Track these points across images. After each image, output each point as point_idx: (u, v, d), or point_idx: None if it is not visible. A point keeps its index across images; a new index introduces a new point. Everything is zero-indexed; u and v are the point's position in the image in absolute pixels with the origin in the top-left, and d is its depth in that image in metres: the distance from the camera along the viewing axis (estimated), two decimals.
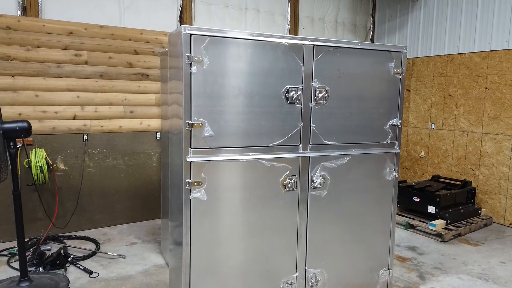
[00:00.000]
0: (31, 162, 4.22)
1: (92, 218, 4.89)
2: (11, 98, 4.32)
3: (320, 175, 2.90)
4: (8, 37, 4.23)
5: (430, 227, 4.89)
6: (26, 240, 4.34)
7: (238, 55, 2.54)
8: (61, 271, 3.47)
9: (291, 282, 2.90)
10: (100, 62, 4.75)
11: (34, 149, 4.32)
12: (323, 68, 2.82)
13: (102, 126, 4.85)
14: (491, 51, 5.44)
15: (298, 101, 2.76)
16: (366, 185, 3.09)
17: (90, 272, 3.70)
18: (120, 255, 4.12)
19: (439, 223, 4.86)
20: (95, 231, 4.84)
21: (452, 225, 5.00)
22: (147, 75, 5.04)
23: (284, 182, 2.79)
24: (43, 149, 4.37)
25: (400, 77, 3.11)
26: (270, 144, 2.72)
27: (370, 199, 3.13)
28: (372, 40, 7.18)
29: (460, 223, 5.09)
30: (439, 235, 4.82)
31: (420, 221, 5.13)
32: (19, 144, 4.32)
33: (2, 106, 4.28)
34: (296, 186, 2.83)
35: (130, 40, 4.89)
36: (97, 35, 4.69)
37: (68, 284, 3.30)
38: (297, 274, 2.92)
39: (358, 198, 3.08)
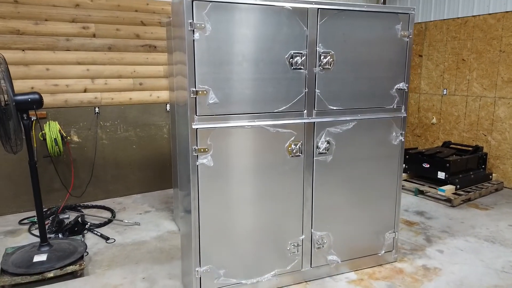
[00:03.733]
0: (45, 134, 4.34)
1: (107, 188, 5.05)
2: (22, 72, 4.40)
3: (325, 141, 2.93)
4: (16, 11, 4.27)
5: (439, 192, 4.91)
6: (45, 209, 4.54)
7: (241, 20, 2.54)
8: (79, 237, 3.63)
9: (298, 244, 2.99)
10: (108, 34, 4.77)
11: (48, 122, 4.44)
12: (328, 32, 2.79)
13: (112, 99, 4.92)
14: (507, 12, 5.25)
15: (302, 67, 2.76)
16: (372, 150, 3.12)
17: (107, 238, 3.87)
18: (135, 222, 4.28)
19: (448, 189, 4.87)
20: (110, 200, 5.01)
21: (462, 190, 5.01)
22: (155, 47, 5.06)
23: (290, 148, 2.83)
24: (56, 122, 4.49)
25: (408, 39, 3.06)
26: (275, 111, 2.74)
27: (375, 163, 3.15)
28: (384, 2, 6.98)
29: (470, 188, 5.09)
30: (448, 200, 4.85)
31: (430, 187, 5.15)
32: (33, 117, 4.45)
33: (15, 80, 4.37)
34: (301, 152, 2.87)
35: (136, 11, 4.88)
36: (103, 7, 4.69)
37: (86, 248, 3.46)
38: (303, 236, 3.00)
39: (364, 163, 3.11)
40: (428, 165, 5.24)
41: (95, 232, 4.00)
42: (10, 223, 4.27)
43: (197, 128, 2.55)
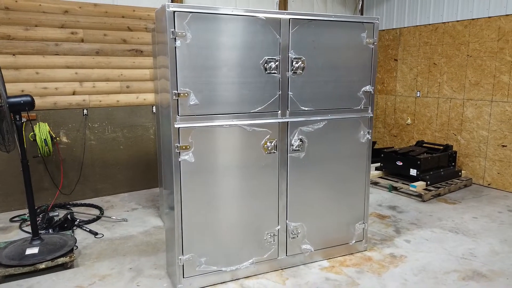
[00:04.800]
0: (35, 135, 4.53)
1: (96, 187, 5.24)
2: (13, 76, 4.59)
3: (298, 139, 3.20)
4: (7, 17, 4.46)
5: (411, 188, 5.23)
6: (35, 207, 4.71)
7: (219, 29, 2.79)
8: (69, 232, 3.83)
9: (274, 234, 3.25)
10: (95, 39, 4.97)
11: (38, 123, 4.62)
12: (299, 39, 3.07)
13: (100, 101, 5.12)
14: (473, 19, 5.62)
15: (276, 71, 3.02)
16: (342, 147, 3.39)
17: (95, 233, 4.07)
18: (123, 219, 4.48)
19: (419, 185, 5.19)
20: (98, 199, 5.20)
21: (432, 186, 5.33)
22: (141, 51, 5.28)
23: (265, 145, 3.09)
24: (46, 123, 4.67)
25: (372, 46, 3.35)
26: (251, 111, 3.00)
27: (345, 159, 3.43)
28: (362, 11, 7.32)
29: (440, 184, 5.42)
30: (419, 196, 5.16)
31: (403, 183, 5.46)
32: (24, 119, 4.63)
33: (6, 83, 4.54)
34: (276, 149, 3.13)
35: (123, 17, 5.10)
36: (91, 13, 4.90)
37: (76, 242, 3.66)
38: (279, 227, 3.26)
39: (335, 159, 3.39)
40: (401, 163, 5.55)
41: (84, 228, 4.20)
42: (1, 221, 4.44)
43: (179, 127, 2.79)
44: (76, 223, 4.30)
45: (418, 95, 6.52)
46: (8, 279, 3.19)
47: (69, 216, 4.36)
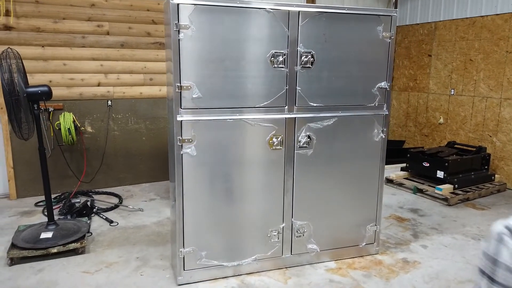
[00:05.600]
0: (60, 124, 4.71)
1: (118, 177, 5.39)
2: (42, 67, 4.78)
3: (306, 135, 3.10)
4: (37, 10, 4.65)
5: (436, 191, 4.97)
6: (59, 194, 4.92)
7: (224, 22, 2.75)
8: (84, 219, 3.96)
9: (278, 232, 3.19)
10: (120, 32, 5.09)
11: (63, 113, 4.81)
12: (309, 33, 2.96)
13: (124, 93, 5.25)
14: None
15: (283, 65, 2.94)
16: (353, 146, 3.26)
17: (110, 221, 4.19)
18: (139, 209, 4.58)
19: (445, 187, 4.92)
20: (120, 188, 5.35)
21: (460, 190, 5.04)
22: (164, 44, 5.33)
23: (271, 141, 3.02)
24: (71, 113, 4.85)
25: (389, 40, 3.19)
26: (257, 106, 2.94)
27: (357, 159, 3.30)
28: (395, 5, 7.01)
29: (469, 188, 5.11)
30: (445, 200, 4.90)
31: (429, 185, 5.21)
32: (50, 109, 4.83)
33: (34, 74, 4.76)
34: (282, 145, 3.06)
35: (148, 10, 5.18)
36: (117, 6, 5.01)
37: (89, 229, 3.78)
38: (284, 224, 3.19)
39: (345, 158, 3.26)
40: (428, 164, 5.29)
41: (101, 216, 4.33)
42: (27, 205, 4.67)
43: (181, 120, 2.78)
44: (94, 210, 4.44)
45: (452, 93, 6.17)
46: (23, 261, 3.34)
47: (88, 204, 4.52)
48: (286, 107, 3.02)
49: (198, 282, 3.04)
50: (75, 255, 3.46)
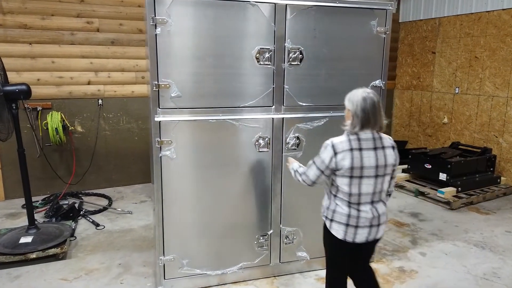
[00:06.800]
0: (48, 124, 4.57)
1: (109, 178, 5.25)
2: (29, 65, 4.65)
3: (295, 137, 2.92)
4: (24, 7, 4.51)
5: (438, 194, 4.75)
6: (48, 195, 4.79)
7: (204, 15, 2.58)
8: (69, 222, 3.82)
9: (266, 239, 3.01)
10: (111, 29, 4.93)
11: (51, 112, 4.67)
12: (297, 28, 2.78)
13: (115, 91, 5.10)
14: None
15: (270, 62, 2.76)
16: None
17: (97, 225, 4.04)
18: (128, 211, 4.43)
19: (448, 191, 4.70)
20: (112, 189, 5.21)
21: (464, 193, 4.82)
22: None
23: (257, 143, 2.85)
24: (59, 112, 4.71)
25: (384, 36, 2.99)
26: (241, 105, 2.77)
27: None
28: (398, 0, 6.78)
29: (474, 192, 4.89)
30: (447, 203, 4.68)
31: (431, 188, 4.99)
32: (39, 108, 4.70)
33: (22, 72, 4.63)
34: (269, 147, 2.88)
35: (139, 6, 5.02)
36: (107, 2, 4.86)
37: (72, 233, 3.64)
38: (271, 231, 3.02)
39: None
40: (430, 166, 5.07)
41: (88, 219, 4.18)
42: (14, 206, 4.54)
43: (160, 121, 2.62)
44: (81, 213, 4.30)
45: (456, 91, 5.94)
46: (1, 267, 3.20)
47: (76, 206, 4.38)
48: (273, 106, 2.84)
49: None
50: (55, 261, 3.31)
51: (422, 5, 6.37)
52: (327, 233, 2.23)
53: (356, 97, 2.04)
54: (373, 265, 3.29)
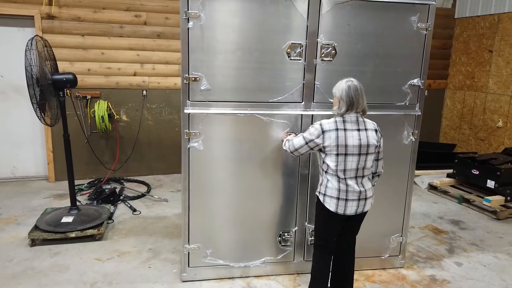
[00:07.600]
0: (95, 112, 4.84)
1: (151, 165, 5.46)
2: (81, 55, 4.93)
3: None
4: (78, 0, 4.78)
5: (484, 202, 4.46)
6: (93, 179, 5.07)
7: (236, 9, 2.59)
8: (108, 206, 4.03)
9: (290, 236, 3.00)
10: (157, 23, 5.10)
11: (98, 101, 4.93)
12: (331, 23, 2.72)
13: (159, 83, 5.28)
14: None
15: (301, 58, 2.73)
16: None
17: (134, 210, 4.23)
18: (164, 199, 4.59)
19: (495, 199, 4.40)
20: (152, 177, 5.41)
21: None
22: None
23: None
24: (106, 101, 4.96)
25: (426, 32, 2.84)
26: (270, 100, 2.76)
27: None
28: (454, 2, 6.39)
29: None
30: (494, 212, 4.38)
31: (477, 196, 4.70)
32: (88, 96, 4.97)
33: (75, 62, 4.92)
34: None
35: None
36: None
37: (110, 216, 3.85)
38: (296, 228, 2.99)
39: None
40: (478, 172, 4.77)
41: (126, 204, 4.39)
42: (62, 188, 4.86)
43: (189, 113, 2.68)
44: (121, 198, 4.52)
45: None
46: (44, 243, 3.45)
47: (116, 191, 4.60)
48: (303, 103, 2.80)
49: (203, 280, 2.95)
50: (92, 241, 3.51)
51: (481, 1, 5.96)
52: (320, 207, 2.44)
53: (341, 84, 2.36)
54: (403, 271, 3.18)
